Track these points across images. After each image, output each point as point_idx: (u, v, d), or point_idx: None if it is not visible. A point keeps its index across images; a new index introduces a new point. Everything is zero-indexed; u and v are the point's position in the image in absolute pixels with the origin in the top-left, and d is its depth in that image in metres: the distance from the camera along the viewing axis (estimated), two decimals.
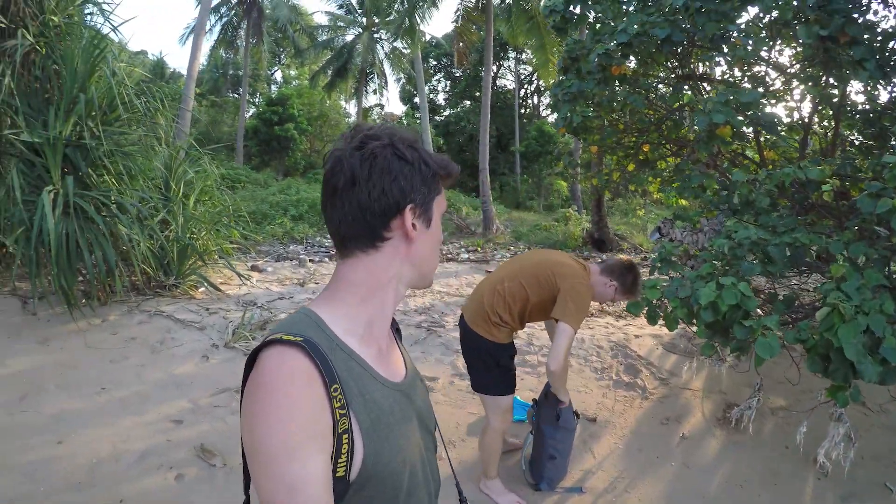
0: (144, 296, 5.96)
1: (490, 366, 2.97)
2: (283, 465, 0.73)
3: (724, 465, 3.62)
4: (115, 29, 6.49)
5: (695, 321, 3.00)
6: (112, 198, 5.37)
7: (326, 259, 10.48)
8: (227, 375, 4.36)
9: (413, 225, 0.93)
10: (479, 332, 2.94)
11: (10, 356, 4.42)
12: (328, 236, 13.13)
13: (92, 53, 5.63)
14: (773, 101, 4.50)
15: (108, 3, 8.26)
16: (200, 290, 6.47)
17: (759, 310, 3.61)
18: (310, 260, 10.09)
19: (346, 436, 0.81)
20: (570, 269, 2.91)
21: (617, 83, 4.90)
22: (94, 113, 5.49)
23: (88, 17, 6.69)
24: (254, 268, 8.63)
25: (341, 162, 0.91)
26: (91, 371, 4.22)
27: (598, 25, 5.30)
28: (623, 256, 3.16)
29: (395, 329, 1.19)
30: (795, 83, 4.31)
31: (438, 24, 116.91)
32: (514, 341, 3.12)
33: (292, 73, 36.83)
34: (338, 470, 0.80)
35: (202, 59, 33.35)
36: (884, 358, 2.29)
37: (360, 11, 27.91)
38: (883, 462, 3.67)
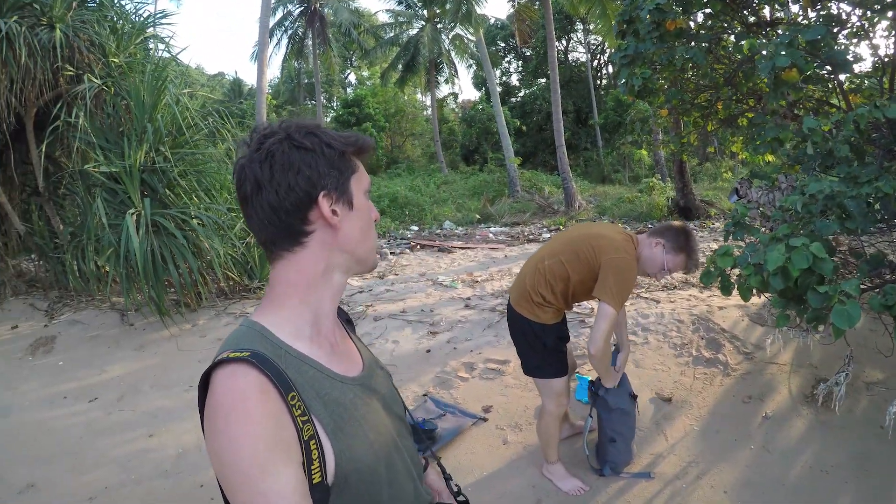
0: (231, 300, 6.32)
1: (536, 347, 2.83)
2: (256, 482, 0.73)
3: (810, 448, 3.27)
4: (175, 58, 7.11)
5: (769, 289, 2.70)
6: (191, 213, 5.75)
7: (407, 250, 10.64)
8: None
9: (334, 211, 0.91)
10: (523, 314, 2.82)
11: (110, 363, 4.88)
12: (410, 229, 13.51)
13: (155, 85, 6.07)
14: (854, 41, 4.01)
15: (169, 35, 9.12)
16: None
17: (844, 271, 3.23)
18: (391, 253, 10.22)
19: (312, 442, 0.80)
20: (611, 242, 2.68)
21: (675, 39, 4.53)
22: (163, 139, 5.95)
23: (151, 50, 7.26)
24: None
25: (244, 169, 0.90)
26: (181, 371, 4.51)
27: None
28: (675, 222, 2.90)
29: (347, 320, 1.18)
30: (877, 18, 3.81)
31: (499, 5, 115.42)
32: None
33: (364, 73, 37.55)
34: (314, 476, 0.79)
35: (276, 71, 34.73)
36: None
37: (419, 4, 27.97)
38: None
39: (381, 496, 0.91)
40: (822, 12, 3.96)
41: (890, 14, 3.55)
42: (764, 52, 3.19)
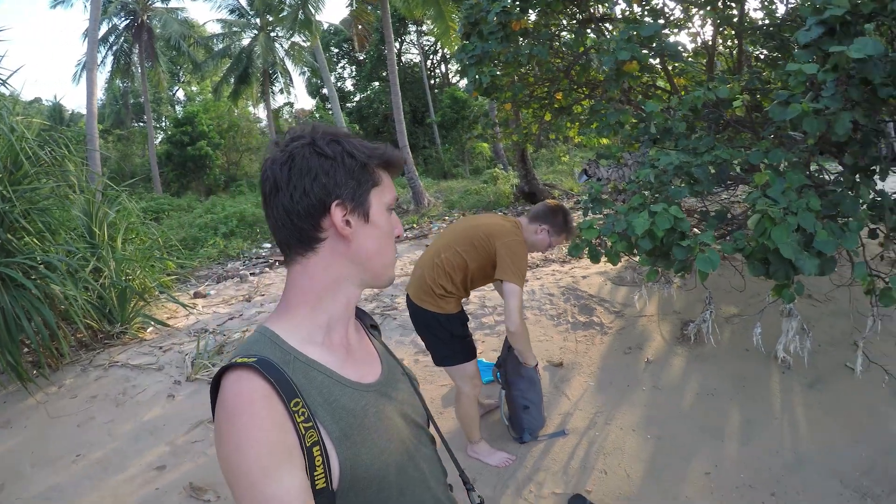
0: (94, 350, 5.67)
1: (445, 338, 3.00)
2: (260, 487, 0.74)
3: (692, 378, 3.83)
4: (3, 83, 6.13)
5: (635, 251, 3.12)
6: (38, 258, 5.09)
7: (267, 269, 10.35)
8: (196, 409, 4.28)
9: (347, 221, 0.91)
10: (426, 308, 2.96)
11: None
12: (263, 247, 13.11)
13: None
14: (675, 31, 4.64)
15: None
16: (149, 329, 6.26)
17: (694, 229, 3.78)
18: (251, 274, 9.91)
19: (316, 448, 0.81)
20: (501, 228, 2.96)
21: (520, 38, 4.95)
22: (0, 175, 5.15)
23: None
24: (197, 294, 8.40)
25: (265, 169, 0.91)
26: (62, 441, 4.02)
27: None
28: (548, 201, 3.25)
29: (372, 325, 1.19)
30: (694, 10, 4.46)
31: (333, 10, 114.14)
32: (467, 308, 3.17)
33: (194, 89, 35.55)
34: (317, 483, 0.80)
35: (100, 93, 31.95)
36: (819, 251, 2.46)
37: (252, 13, 27.00)
38: (839, 346, 3.97)
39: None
40: (646, 7, 4.53)
41: (708, 8, 4.15)
42: (606, 48, 3.62)
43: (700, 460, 3.08)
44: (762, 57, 4.93)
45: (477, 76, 5.13)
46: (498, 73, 5.38)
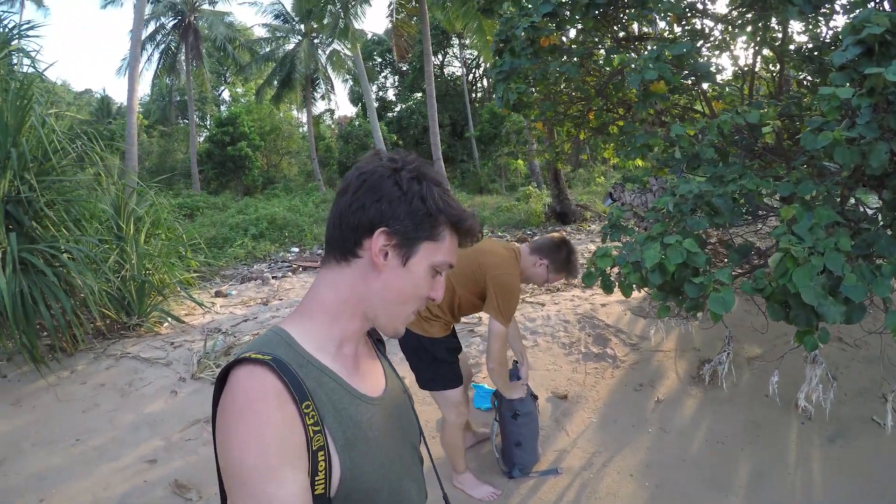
0: (110, 339, 5.81)
1: (427, 360, 2.88)
2: (259, 486, 0.73)
3: (703, 423, 3.56)
4: (41, 75, 6.35)
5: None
6: (62, 247, 5.24)
7: (290, 273, 10.38)
8: (195, 407, 4.31)
9: (386, 253, 0.90)
10: (412, 329, 2.84)
11: None
12: (291, 251, 13.18)
13: (20, 106, 5.46)
14: (716, 52, 4.43)
15: (36, 49, 8.01)
16: (164, 325, 6.34)
17: (717, 261, 3.54)
18: (273, 277, 9.94)
19: (321, 453, 0.80)
20: (496, 259, 2.81)
21: (549, 55, 4.78)
22: (28, 165, 5.35)
23: (15, 66, 6.45)
24: (218, 293, 8.50)
25: (352, 170, 0.94)
26: (64, 425, 4.14)
27: (523, 1, 5.16)
28: (555, 234, 3.09)
29: (378, 340, 1.18)
30: (737, 31, 4.24)
31: (376, 20, 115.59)
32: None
33: (239, 90, 36.27)
34: (317, 487, 0.79)
35: (147, 89, 32.99)
36: (847, 297, 2.21)
37: (296, 19, 27.37)
38: (867, 397, 3.65)
39: None
40: (687, 27, 4.32)
41: (749, 29, 3.93)
42: (633, 66, 3.43)
43: None
44: (806, 82, 4.66)
45: (505, 92, 5.01)
46: (528, 89, 5.23)
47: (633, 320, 5.24)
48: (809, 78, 4.44)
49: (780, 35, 4.04)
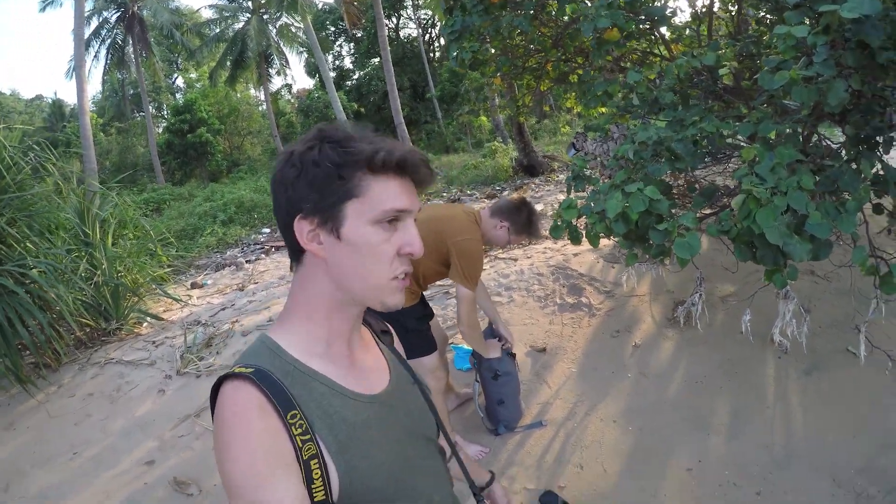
0: (92, 348, 5.76)
1: (400, 333, 2.85)
2: (252, 494, 0.73)
3: (681, 365, 3.63)
4: None
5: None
6: (29, 263, 5.13)
7: (262, 255, 10.31)
8: (183, 403, 4.30)
9: (316, 237, 0.85)
10: None
11: None
12: (262, 232, 13.05)
13: None
14: None
15: None
16: (144, 324, 6.30)
17: (685, 203, 3.55)
18: (246, 261, 9.87)
19: (314, 461, 0.79)
20: (455, 224, 2.78)
21: (501, 10, 4.69)
22: None
23: None
24: (193, 285, 8.45)
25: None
26: (60, 440, 4.13)
27: None
28: (514, 195, 3.06)
29: (384, 331, 1.17)
30: None
31: None
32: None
33: (193, 76, 35.31)
34: (316, 494, 0.78)
35: (98, 87, 32.01)
36: (812, 234, 2.23)
37: None
38: (841, 328, 3.71)
39: None
40: None
41: None
42: (586, 15, 3.37)
43: (682, 455, 2.88)
44: (767, 20, 4.63)
45: (459, 51, 4.92)
46: (483, 47, 5.15)
47: (605, 268, 5.28)
48: (769, 16, 4.42)
49: None
